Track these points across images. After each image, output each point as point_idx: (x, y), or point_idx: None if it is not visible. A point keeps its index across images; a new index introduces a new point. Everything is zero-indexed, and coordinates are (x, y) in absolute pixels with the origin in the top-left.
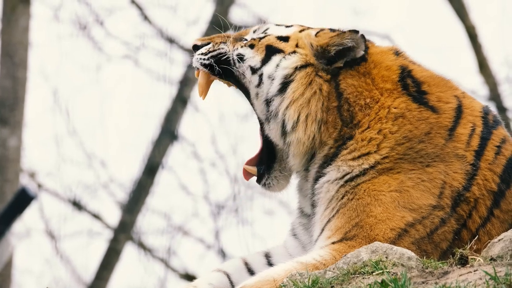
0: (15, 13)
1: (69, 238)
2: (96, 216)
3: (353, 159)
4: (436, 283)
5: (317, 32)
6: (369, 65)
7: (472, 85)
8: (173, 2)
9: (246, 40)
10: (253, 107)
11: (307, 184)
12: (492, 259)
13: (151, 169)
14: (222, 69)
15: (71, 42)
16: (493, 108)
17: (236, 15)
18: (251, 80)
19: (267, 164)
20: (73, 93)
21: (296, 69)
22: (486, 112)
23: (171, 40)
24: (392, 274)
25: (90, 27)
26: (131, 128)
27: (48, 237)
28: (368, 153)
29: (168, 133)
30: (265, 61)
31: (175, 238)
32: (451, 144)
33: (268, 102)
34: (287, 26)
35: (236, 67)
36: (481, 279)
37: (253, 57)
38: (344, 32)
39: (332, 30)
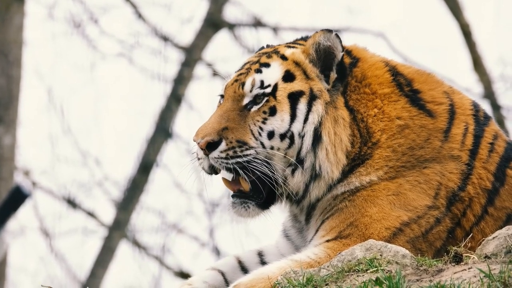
0: (9, 11)
1: (63, 236)
2: (90, 214)
3: (367, 175)
4: (430, 280)
5: (292, 46)
6: (362, 67)
7: (466, 83)
8: (167, 1)
9: (254, 105)
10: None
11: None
12: (486, 256)
13: (146, 167)
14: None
15: (65, 40)
16: (486, 106)
17: (230, 13)
18: (280, 147)
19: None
20: (67, 92)
21: (322, 116)
22: (476, 109)
23: (165, 38)
24: (387, 272)
25: (85, 25)
26: (126, 126)
27: (43, 235)
28: (379, 168)
29: (162, 131)
30: (293, 117)
31: (170, 236)
32: (446, 146)
33: (299, 156)
34: (268, 60)
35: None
36: (475, 276)
37: (281, 124)
38: (316, 32)
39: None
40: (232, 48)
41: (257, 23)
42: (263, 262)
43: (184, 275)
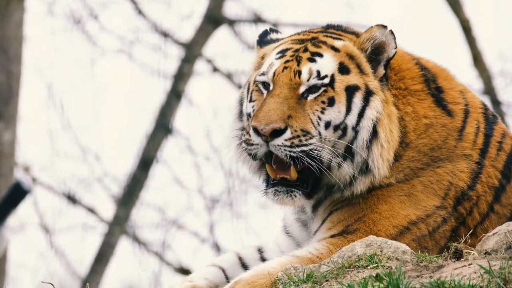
0: (9, 7)
1: (63, 232)
2: (90, 210)
3: (390, 177)
4: (430, 276)
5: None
6: (396, 58)
7: (466, 78)
8: None
9: (316, 93)
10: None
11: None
12: (486, 252)
13: (146, 163)
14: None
15: (65, 36)
16: (486, 102)
17: (230, 9)
18: (331, 138)
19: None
20: (67, 87)
21: (380, 112)
22: (485, 108)
23: (165, 34)
24: (387, 268)
25: (84, 21)
26: (126, 122)
27: (43, 231)
28: (401, 170)
29: (162, 127)
30: (348, 110)
31: (170, 232)
32: (460, 145)
33: (350, 150)
34: (317, 49)
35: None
36: (475, 272)
37: (338, 115)
38: (372, 26)
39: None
40: (232, 44)
41: (257, 19)
42: (263, 259)
43: (184, 271)
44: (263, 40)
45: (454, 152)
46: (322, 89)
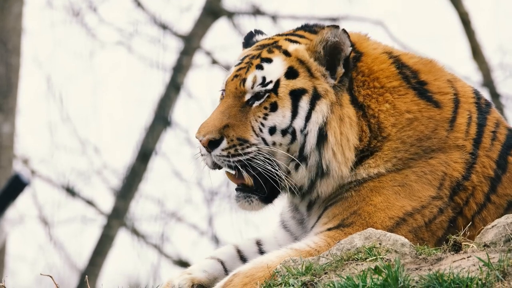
0: (8, 0)
1: (62, 225)
2: (89, 203)
3: (375, 166)
4: (429, 269)
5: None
6: (366, 61)
7: (465, 71)
8: None
9: (254, 102)
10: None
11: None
12: (485, 245)
13: (145, 155)
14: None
15: (64, 28)
16: (485, 94)
17: (229, 1)
18: (281, 143)
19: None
20: (66, 80)
21: (327, 116)
22: (478, 97)
23: (164, 27)
24: (386, 261)
25: (83, 13)
26: (125, 115)
27: (42, 224)
28: (388, 160)
29: (161, 119)
30: (294, 114)
31: (169, 224)
32: (452, 135)
33: (302, 153)
34: (269, 55)
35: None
36: (474, 265)
37: (283, 120)
38: (323, 28)
39: (305, 28)
40: (231, 37)
41: (256, 12)
42: (261, 251)
43: (183, 264)
44: (249, 42)
45: (446, 142)
46: (266, 95)
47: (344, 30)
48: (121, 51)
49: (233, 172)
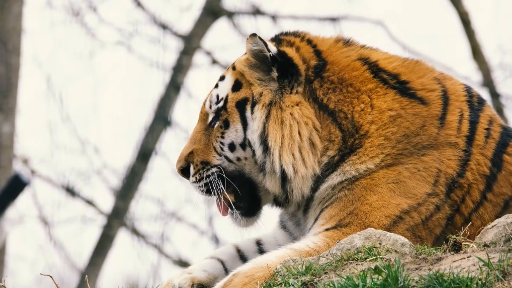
0: (8, 0)
1: (62, 224)
2: (89, 202)
3: (362, 163)
4: (429, 269)
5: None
6: (334, 70)
7: (465, 71)
8: None
9: (213, 124)
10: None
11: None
12: (485, 245)
13: (145, 155)
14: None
15: (64, 28)
16: (485, 94)
17: (229, 1)
18: (246, 157)
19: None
20: (66, 80)
21: (265, 121)
22: (470, 94)
23: (164, 27)
24: (386, 260)
25: (83, 13)
26: (125, 114)
27: (42, 223)
28: (375, 156)
29: (161, 119)
30: (244, 126)
31: (169, 224)
32: (443, 132)
33: (258, 163)
34: (224, 72)
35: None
36: (474, 265)
37: (236, 134)
38: (246, 39)
39: None
40: (231, 36)
41: (256, 11)
42: (261, 251)
43: (183, 264)
44: None
45: (437, 139)
46: (220, 112)
47: (259, 38)
48: (121, 51)
49: (211, 197)
